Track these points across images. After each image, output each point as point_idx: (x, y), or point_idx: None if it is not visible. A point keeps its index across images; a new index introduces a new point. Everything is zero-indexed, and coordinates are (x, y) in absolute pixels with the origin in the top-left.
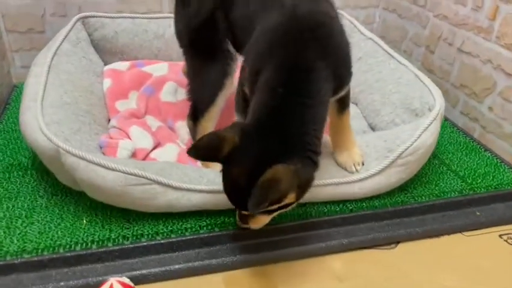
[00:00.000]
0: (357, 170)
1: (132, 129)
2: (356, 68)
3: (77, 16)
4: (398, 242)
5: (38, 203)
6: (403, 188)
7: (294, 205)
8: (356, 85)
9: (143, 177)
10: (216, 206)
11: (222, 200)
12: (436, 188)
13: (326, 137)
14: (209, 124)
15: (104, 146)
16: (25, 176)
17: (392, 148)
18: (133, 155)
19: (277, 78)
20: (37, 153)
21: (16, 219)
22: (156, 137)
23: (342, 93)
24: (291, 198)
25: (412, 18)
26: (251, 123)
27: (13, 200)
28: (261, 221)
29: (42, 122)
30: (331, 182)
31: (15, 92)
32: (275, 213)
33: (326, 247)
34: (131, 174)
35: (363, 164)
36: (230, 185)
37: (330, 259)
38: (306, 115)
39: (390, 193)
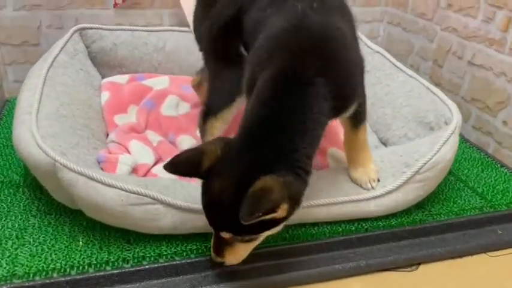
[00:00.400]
0: (372, 187)
1: (132, 143)
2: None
3: (75, 27)
4: (419, 264)
5: (30, 222)
6: (420, 205)
7: (280, 227)
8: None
9: (146, 196)
10: None
11: None
12: (455, 205)
13: (340, 152)
14: (219, 124)
15: (103, 161)
16: (16, 194)
17: (410, 163)
18: (134, 170)
19: (270, 89)
20: (31, 169)
21: (6, 241)
22: (157, 152)
23: (348, 113)
24: (283, 210)
25: (419, 32)
26: (237, 136)
27: (3, 219)
28: (239, 251)
29: (37, 135)
30: (345, 199)
31: (7, 106)
32: (255, 242)
33: (342, 269)
34: (133, 192)
35: (378, 181)
36: (210, 202)
37: (348, 283)
38: (296, 131)
39: (407, 211)
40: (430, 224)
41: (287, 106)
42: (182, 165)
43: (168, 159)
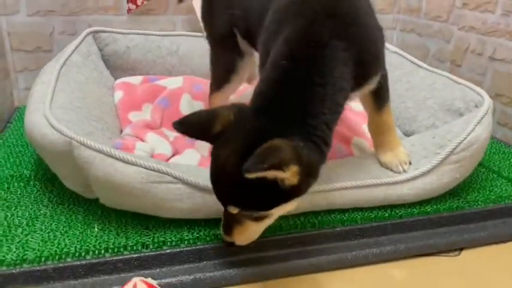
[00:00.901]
0: (404, 170)
1: (149, 135)
2: None
3: (88, 30)
4: (461, 249)
5: (42, 212)
6: (454, 193)
7: (293, 205)
8: None
9: (167, 174)
10: None
11: None
12: (491, 193)
13: (365, 143)
14: (222, 97)
15: (119, 148)
16: (26, 187)
17: (444, 144)
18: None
19: (284, 51)
20: (44, 154)
21: (15, 228)
22: (174, 146)
23: (371, 84)
24: (293, 173)
25: (434, 35)
26: (251, 102)
27: (12, 209)
28: (249, 231)
29: (51, 118)
30: (376, 182)
31: (17, 113)
32: (266, 222)
33: (380, 253)
34: (154, 170)
35: (410, 164)
36: (217, 171)
37: (387, 267)
38: (313, 94)
39: (442, 198)
40: (469, 211)
41: (303, 68)
42: (193, 124)
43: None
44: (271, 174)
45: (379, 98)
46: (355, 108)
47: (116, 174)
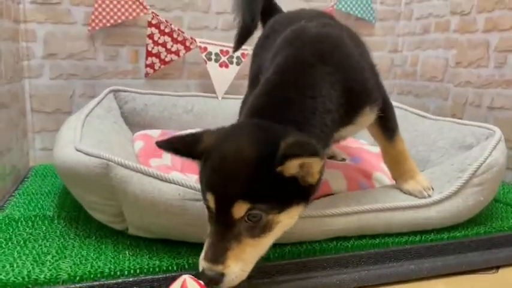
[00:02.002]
0: (429, 195)
1: (174, 173)
2: None
3: (109, 88)
4: (498, 267)
5: (69, 243)
6: (479, 222)
7: (297, 215)
8: None
9: None
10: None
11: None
12: None
13: (385, 178)
14: None
15: None
16: (51, 224)
17: (464, 168)
18: None
19: (274, 69)
20: (75, 183)
21: (44, 255)
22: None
23: (367, 115)
24: (320, 164)
25: (431, 94)
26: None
27: (39, 241)
28: (247, 251)
29: (86, 147)
30: (404, 205)
31: (32, 172)
32: (268, 238)
33: (419, 270)
34: (190, 187)
35: (432, 189)
36: (226, 163)
37: (426, 285)
38: (304, 104)
39: (468, 225)
40: (497, 235)
41: (292, 81)
42: (178, 142)
43: None
44: (307, 163)
45: (387, 129)
46: (372, 150)
47: (154, 191)
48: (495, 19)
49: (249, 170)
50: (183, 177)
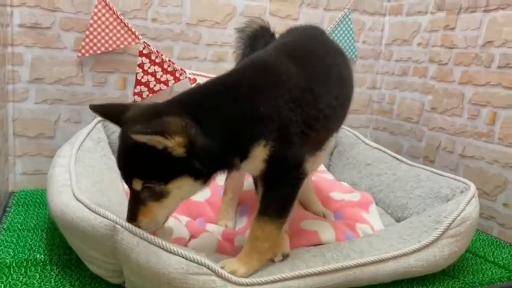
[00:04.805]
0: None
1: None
2: (368, 172)
3: (97, 119)
4: None
5: None
6: (453, 275)
7: (190, 188)
8: (373, 186)
9: (204, 266)
10: None
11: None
12: (484, 276)
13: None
14: None
15: None
16: (44, 271)
17: (440, 220)
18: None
19: (222, 75)
20: (77, 237)
21: None
22: (189, 229)
23: (247, 158)
24: (177, 143)
25: (406, 134)
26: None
27: None
28: (153, 211)
29: (87, 201)
30: (388, 256)
31: (14, 198)
32: (168, 201)
33: None
34: (193, 261)
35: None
36: (121, 145)
37: None
38: (223, 96)
39: (442, 281)
40: None
41: (212, 95)
42: (109, 108)
43: None
44: (155, 140)
45: (265, 203)
46: (353, 199)
47: (159, 262)
48: (470, 73)
49: (137, 151)
50: (186, 248)
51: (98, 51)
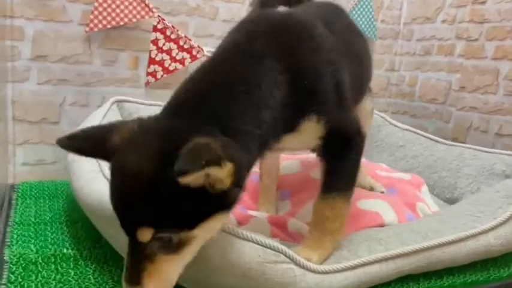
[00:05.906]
0: None
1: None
2: (402, 154)
3: (113, 99)
4: None
5: None
6: None
7: (217, 227)
8: (411, 168)
9: (282, 253)
10: (367, 284)
11: (374, 275)
12: None
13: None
14: None
15: None
16: (78, 267)
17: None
18: None
19: (213, 55)
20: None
21: None
22: (235, 216)
23: (309, 127)
24: (228, 172)
25: (431, 116)
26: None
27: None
28: (163, 270)
29: None
30: (467, 234)
31: (17, 192)
32: (186, 253)
33: None
34: (270, 247)
35: None
36: (124, 182)
37: None
38: (234, 98)
39: None
40: None
41: (227, 70)
42: (84, 138)
43: None
44: (209, 173)
45: (331, 180)
46: (404, 178)
47: (232, 252)
48: (506, 47)
49: (148, 189)
50: (258, 235)
51: (108, 26)
